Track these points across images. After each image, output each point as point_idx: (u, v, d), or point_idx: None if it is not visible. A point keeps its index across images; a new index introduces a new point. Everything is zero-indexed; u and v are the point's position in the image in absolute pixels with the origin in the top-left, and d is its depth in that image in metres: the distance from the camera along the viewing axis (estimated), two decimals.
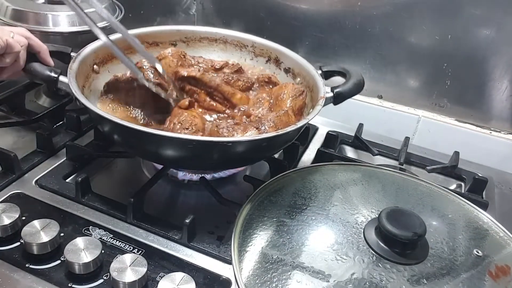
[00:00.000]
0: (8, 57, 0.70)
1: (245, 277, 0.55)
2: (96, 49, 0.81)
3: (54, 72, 0.73)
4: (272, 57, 0.93)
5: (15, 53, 0.70)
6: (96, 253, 0.61)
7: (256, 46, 0.95)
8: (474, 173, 0.91)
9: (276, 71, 0.93)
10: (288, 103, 0.80)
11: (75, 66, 0.75)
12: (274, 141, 0.71)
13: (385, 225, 0.57)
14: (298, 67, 0.89)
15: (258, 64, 0.95)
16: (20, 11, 0.90)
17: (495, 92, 0.98)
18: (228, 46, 0.96)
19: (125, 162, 0.90)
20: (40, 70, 0.74)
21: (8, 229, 0.65)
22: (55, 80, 0.73)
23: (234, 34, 0.96)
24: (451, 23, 0.95)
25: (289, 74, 0.91)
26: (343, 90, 0.80)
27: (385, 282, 0.55)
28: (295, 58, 0.90)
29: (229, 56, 0.96)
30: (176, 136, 0.67)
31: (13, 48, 0.69)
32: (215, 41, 0.96)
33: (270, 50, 0.94)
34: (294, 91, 0.82)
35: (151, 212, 0.73)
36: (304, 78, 0.88)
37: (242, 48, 0.96)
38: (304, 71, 0.88)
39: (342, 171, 0.75)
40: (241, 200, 0.68)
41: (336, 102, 0.81)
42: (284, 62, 0.92)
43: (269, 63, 0.94)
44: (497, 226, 0.66)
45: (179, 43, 0.94)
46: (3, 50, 0.68)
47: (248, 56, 0.96)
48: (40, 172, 0.79)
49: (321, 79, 0.83)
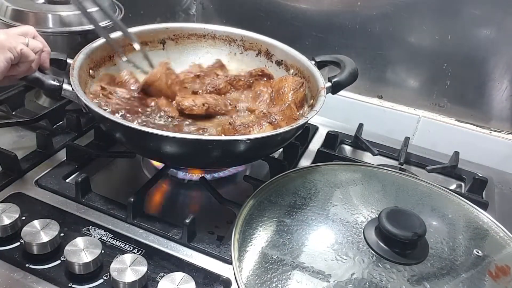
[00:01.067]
0: (23, 66, 0.67)
1: (245, 277, 0.55)
2: (89, 53, 0.80)
3: (58, 81, 0.72)
4: (263, 50, 0.94)
5: (29, 61, 0.67)
6: (96, 253, 0.61)
7: (245, 40, 0.95)
8: (474, 173, 0.91)
9: (268, 63, 0.93)
10: (290, 96, 0.81)
11: (75, 73, 0.74)
12: (290, 133, 0.72)
13: (385, 225, 0.57)
14: (290, 58, 0.90)
15: (248, 58, 0.95)
16: (20, 11, 0.89)
17: (495, 92, 0.98)
18: (216, 42, 0.96)
19: (125, 162, 0.90)
20: (43, 79, 0.72)
21: (8, 229, 0.65)
22: (58, 89, 0.72)
23: (222, 29, 0.96)
24: (451, 23, 0.95)
25: (281, 66, 0.92)
26: (341, 79, 0.81)
27: (385, 282, 0.55)
28: (287, 50, 0.91)
29: (218, 51, 0.96)
30: (197, 137, 0.67)
31: (28, 57, 0.66)
32: (203, 37, 0.96)
33: (260, 43, 0.94)
34: (295, 83, 0.83)
35: (151, 212, 0.73)
36: (298, 70, 0.88)
37: (231, 43, 0.96)
38: (298, 62, 0.88)
39: (342, 171, 0.75)
40: (241, 200, 0.68)
41: (334, 92, 0.82)
42: (275, 55, 0.93)
43: (259, 56, 0.94)
44: (497, 226, 0.66)
45: (168, 41, 0.94)
46: (17, 60, 0.65)
47: (237, 50, 0.96)
48: (40, 172, 0.79)
49: (317, 69, 0.84)
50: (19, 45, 0.65)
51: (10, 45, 0.64)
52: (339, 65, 0.86)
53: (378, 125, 1.04)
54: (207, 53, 0.95)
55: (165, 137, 0.64)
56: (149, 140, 0.66)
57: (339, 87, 0.82)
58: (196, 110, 0.77)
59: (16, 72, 0.67)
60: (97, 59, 0.83)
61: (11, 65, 0.65)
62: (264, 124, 0.73)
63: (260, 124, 0.73)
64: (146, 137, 0.65)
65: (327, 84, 0.80)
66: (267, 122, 0.74)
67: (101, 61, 0.84)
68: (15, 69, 0.67)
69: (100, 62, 0.84)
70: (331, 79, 0.81)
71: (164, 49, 0.94)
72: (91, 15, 0.83)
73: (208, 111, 0.78)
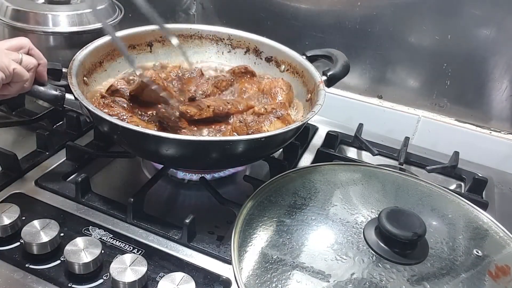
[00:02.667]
0: (15, 86, 0.62)
1: (245, 277, 0.55)
2: (82, 60, 0.79)
3: (60, 91, 0.71)
4: (251, 47, 0.94)
5: (23, 81, 0.63)
6: (96, 253, 0.61)
7: (232, 39, 0.95)
8: (474, 173, 0.91)
9: (257, 61, 0.94)
10: (283, 98, 0.83)
11: (75, 82, 0.72)
12: (298, 129, 0.72)
13: (385, 225, 0.57)
14: (281, 55, 0.90)
15: (236, 56, 0.95)
16: (20, 11, 0.89)
17: (495, 92, 0.98)
18: (203, 41, 0.96)
19: (125, 162, 0.90)
20: (45, 91, 0.70)
21: (8, 229, 0.65)
22: (61, 99, 0.71)
23: (208, 29, 0.96)
24: (451, 23, 0.95)
25: (271, 62, 0.92)
26: (335, 72, 0.82)
27: (385, 282, 0.55)
28: (276, 46, 0.91)
29: (206, 50, 0.96)
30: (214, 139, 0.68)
31: (21, 77, 0.62)
32: (190, 37, 0.96)
33: (248, 41, 0.94)
34: (285, 85, 0.84)
35: (151, 212, 0.73)
36: (290, 65, 0.89)
37: (218, 42, 0.96)
38: (289, 58, 0.89)
39: (342, 171, 0.75)
40: (241, 200, 0.68)
41: (329, 85, 0.82)
42: (264, 52, 0.93)
43: (248, 54, 0.94)
44: (497, 226, 0.66)
45: (155, 43, 0.93)
46: (9, 79, 0.60)
47: (225, 49, 0.96)
48: (40, 172, 0.79)
49: (310, 64, 0.84)
50: (11, 64, 0.60)
51: (2, 64, 0.59)
52: (330, 58, 0.87)
53: (378, 125, 1.04)
54: (194, 53, 0.95)
55: (166, 139, 0.64)
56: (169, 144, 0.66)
57: (334, 80, 0.83)
58: (205, 113, 0.77)
59: (8, 92, 0.63)
60: (89, 66, 0.82)
61: (3, 85, 0.60)
62: (273, 119, 0.75)
63: (270, 119, 0.74)
64: (170, 142, 0.64)
65: (323, 77, 0.81)
66: (275, 117, 0.75)
67: (92, 68, 0.83)
68: (7, 89, 0.62)
69: (92, 69, 0.83)
70: (326, 73, 0.82)
71: (152, 51, 0.93)
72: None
73: (215, 113, 0.78)
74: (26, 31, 0.89)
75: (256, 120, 0.75)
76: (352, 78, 1.07)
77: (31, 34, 0.89)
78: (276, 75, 0.91)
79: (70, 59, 0.77)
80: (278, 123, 0.75)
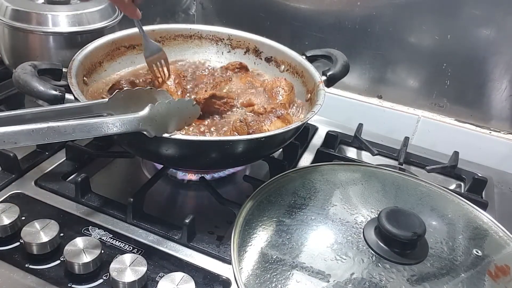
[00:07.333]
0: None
1: (244, 277, 0.55)
2: (82, 60, 0.79)
3: (59, 91, 0.70)
4: (251, 48, 0.94)
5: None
6: (95, 253, 0.61)
7: (232, 39, 0.95)
8: (474, 173, 0.91)
9: (257, 61, 0.94)
10: (284, 98, 0.83)
11: (74, 82, 0.72)
12: (298, 129, 0.72)
13: (385, 225, 0.57)
14: (280, 55, 0.91)
15: (236, 56, 0.95)
16: (20, 11, 0.89)
17: (494, 92, 0.98)
18: (203, 41, 0.96)
19: (125, 162, 0.90)
20: (45, 91, 0.69)
21: (7, 229, 0.65)
22: (60, 99, 0.70)
23: (208, 29, 0.96)
24: (451, 23, 0.95)
25: (271, 62, 0.92)
26: (335, 72, 0.83)
27: (385, 282, 0.55)
28: (276, 46, 0.91)
29: (205, 50, 0.96)
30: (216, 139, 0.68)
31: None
32: (189, 38, 0.96)
33: (248, 41, 0.94)
34: (288, 85, 0.84)
35: (151, 212, 0.73)
36: (289, 65, 0.89)
37: (218, 42, 0.96)
38: (288, 58, 0.89)
39: (341, 171, 0.75)
40: (241, 200, 0.68)
41: (329, 85, 0.83)
42: (264, 52, 0.93)
43: (248, 54, 0.95)
44: (497, 226, 0.66)
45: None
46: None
47: (225, 49, 0.96)
48: (40, 172, 0.79)
49: (310, 64, 0.85)
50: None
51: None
52: (330, 58, 0.87)
53: (377, 125, 1.04)
54: (194, 53, 0.95)
55: (166, 139, 0.64)
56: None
57: (334, 80, 0.83)
58: (203, 95, 0.78)
59: None
60: (88, 65, 0.81)
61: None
62: (274, 118, 0.75)
63: (270, 119, 0.75)
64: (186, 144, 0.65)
65: (323, 78, 0.81)
66: (275, 117, 0.75)
67: (92, 68, 0.83)
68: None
69: (91, 69, 0.83)
70: (326, 73, 0.82)
71: None
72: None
73: (213, 94, 0.78)
74: (26, 31, 0.89)
75: (257, 120, 0.75)
76: (352, 78, 1.07)
77: (31, 34, 0.89)
78: (276, 75, 0.91)
79: (70, 59, 0.77)
80: (279, 123, 0.75)
